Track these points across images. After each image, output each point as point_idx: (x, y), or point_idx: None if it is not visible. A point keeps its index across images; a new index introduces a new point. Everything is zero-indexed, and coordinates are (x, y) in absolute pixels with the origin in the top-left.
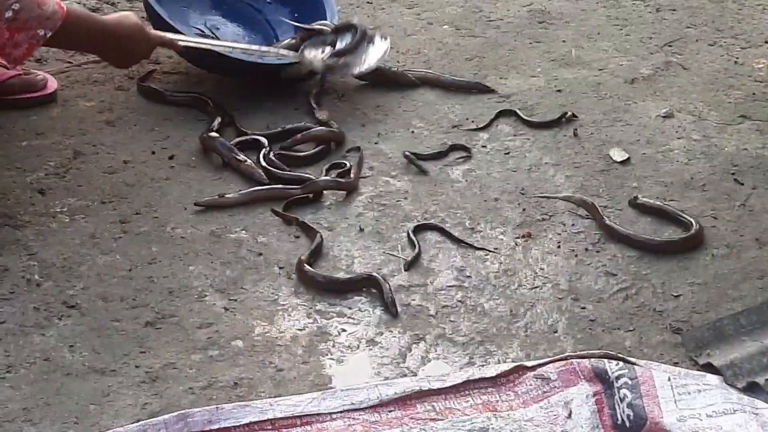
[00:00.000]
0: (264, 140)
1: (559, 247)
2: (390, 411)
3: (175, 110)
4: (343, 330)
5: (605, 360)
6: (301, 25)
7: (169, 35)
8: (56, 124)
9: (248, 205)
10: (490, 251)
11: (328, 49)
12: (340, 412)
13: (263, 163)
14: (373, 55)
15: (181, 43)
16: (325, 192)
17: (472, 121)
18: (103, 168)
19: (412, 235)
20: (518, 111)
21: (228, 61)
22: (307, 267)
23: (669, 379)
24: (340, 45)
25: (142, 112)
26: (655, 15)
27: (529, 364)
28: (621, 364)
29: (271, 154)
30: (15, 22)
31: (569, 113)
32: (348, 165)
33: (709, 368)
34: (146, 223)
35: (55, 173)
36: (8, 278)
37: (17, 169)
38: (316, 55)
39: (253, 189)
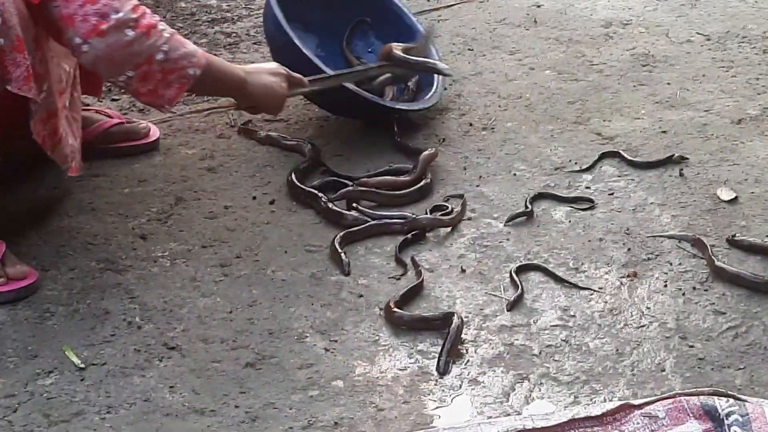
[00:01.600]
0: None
1: (665, 286)
2: None
3: (276, 156)
4: None
5: (715, 397)
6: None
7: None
8: (158, 171)
9: (348, 247)
10: (594, 291)
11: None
12: None
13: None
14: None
15: (309, 79)
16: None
17: (575, 163)
18: (204, 213)
19: (514, 275)
20: (622, 152)
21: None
22: (394, 307)
23: None
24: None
25: (242, 159)
26: (761, 57)
27: (636, 402)
28: (731, 401)
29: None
30: (167, 63)
31: (677, 155)
32: (450, 207)
33: None
34: (246, 266)
35: (157, 219)
36: (109, 321)
37: (120, 215)
38: None
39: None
